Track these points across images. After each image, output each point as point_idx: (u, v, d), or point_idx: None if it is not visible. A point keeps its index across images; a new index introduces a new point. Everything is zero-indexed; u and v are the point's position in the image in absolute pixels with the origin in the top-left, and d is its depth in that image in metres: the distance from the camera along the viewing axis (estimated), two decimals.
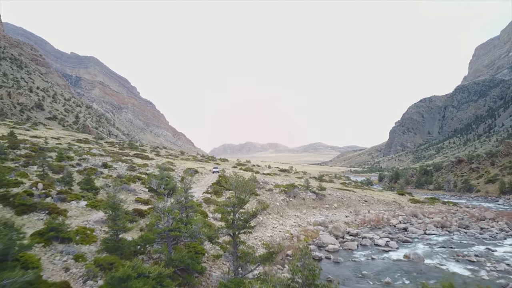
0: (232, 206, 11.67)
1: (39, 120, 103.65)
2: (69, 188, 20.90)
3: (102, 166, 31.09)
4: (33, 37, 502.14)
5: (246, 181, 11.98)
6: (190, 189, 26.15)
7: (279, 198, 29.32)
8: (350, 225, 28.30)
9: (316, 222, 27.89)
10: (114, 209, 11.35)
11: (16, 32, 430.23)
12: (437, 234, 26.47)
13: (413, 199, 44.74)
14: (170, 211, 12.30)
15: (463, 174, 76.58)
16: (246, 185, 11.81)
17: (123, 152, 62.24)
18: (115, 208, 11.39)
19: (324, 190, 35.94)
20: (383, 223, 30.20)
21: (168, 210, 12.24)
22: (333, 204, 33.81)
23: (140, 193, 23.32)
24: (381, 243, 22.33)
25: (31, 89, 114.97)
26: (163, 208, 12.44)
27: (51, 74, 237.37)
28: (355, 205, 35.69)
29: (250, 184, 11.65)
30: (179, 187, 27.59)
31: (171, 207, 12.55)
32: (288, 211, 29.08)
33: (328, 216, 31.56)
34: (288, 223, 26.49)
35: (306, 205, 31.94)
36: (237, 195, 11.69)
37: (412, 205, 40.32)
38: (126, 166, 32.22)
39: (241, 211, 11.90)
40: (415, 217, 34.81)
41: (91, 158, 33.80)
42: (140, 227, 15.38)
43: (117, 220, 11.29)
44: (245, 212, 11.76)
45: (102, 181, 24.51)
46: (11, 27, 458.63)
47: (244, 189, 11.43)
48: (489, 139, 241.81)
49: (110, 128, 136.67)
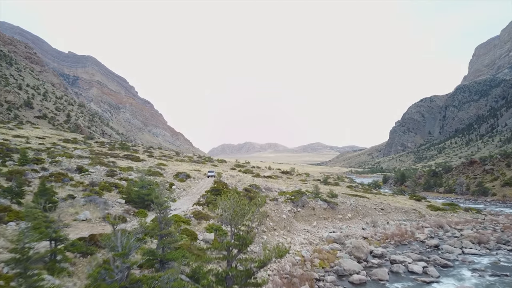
0: (227, 249, 6.95)
1: (28, 119, 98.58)
2: (17, 201, 16.19)
3: (76, 170, 26.33)
4: (30, 36, 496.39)
5: (249, 205, 7.26)
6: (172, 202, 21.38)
7: (286, 209, 24.62)
8: (371, 241, 23.62)
9: (331, 238, 23.22)
10: (21, 260, 6.56)
11: (13, 31, 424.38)
12: (477, 254, 21.84)
13: (432, 205, 40.11)
14: (125, 253, 7.58)
15: (476, 176, 72.05)
16: (248, 211, 7.12)
17: (112, 153, 57.43)
18: (23, 256, 6.59)
19: (336, 197, 31.26)
20: (408, 238, 25.57)
21: (122, 253, 7.51)
22: (347, 214, 29.14)
23: (113, 206, 18.56)
24: (417, 270, 17.65)
25: (21, 86, 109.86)
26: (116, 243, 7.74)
27: (46, 72, 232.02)
28: (371, 214, 31.03)
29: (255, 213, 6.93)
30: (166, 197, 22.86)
31: (129, 244, 7.82)
32: (296, 224, 24.40)
33: (343, 229, 26.91)
34: (298, 240, 21.81)
35: (317, 216, 27.26)
36: (234, 230, 6.97)
37: (433, 213, 35.71)
38: (105, 170, 27.45)
39: (241, 257, 7.17)
40: (441, 228, 30.22)
41: (65, 161, 29.02)
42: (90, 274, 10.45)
43: (26, 279, 6.50)
44: (247, 260, 7.04)
45: (68, 191, 19.75)
46: (8, 26, 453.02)
47: (247, 220, 6.72)
48: (492, 139, 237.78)
49: (104, 127, 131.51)
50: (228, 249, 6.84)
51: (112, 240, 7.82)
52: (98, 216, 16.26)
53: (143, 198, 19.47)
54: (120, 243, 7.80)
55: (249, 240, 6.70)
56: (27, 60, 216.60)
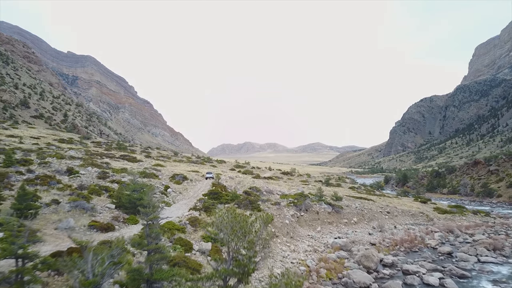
0: (224, 279, 5.44)
1: (24, 118, 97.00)
2: None
3: (66, 172, 24.81)
4: (29, 36, 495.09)
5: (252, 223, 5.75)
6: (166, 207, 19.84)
7: (288, 214, 23.10)
8: (379, 247, 22.13)
9: (336, 245, 21.71)
10: None
11: (12, 30, 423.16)
12: (494, 262, 20.34)
13: (439, 208, 38.64)
14: (95, 282, 6.05)
15: (480, 177, 70.60)
16: (250, 230, 5.60)
17: (109, 153, 55.90)
18: None
19: (340, 200, 29.74)
20: (418, 244, 24.07)
21: (92, 281, 5.99)
22: (352, 218, 27.63)
23: (101, 211, 17.05)
24: (433, 282, 16.16)
25: (17, 85, 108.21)
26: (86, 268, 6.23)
27: (44, 72, 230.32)
28: (377, 218, 29.54)
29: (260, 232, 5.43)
30: (160, 200, 21.31)
31: (102, 269, 6.31)
32: (299, 230, 22.89)
33: (348, 234, 25.41)
34: (301, 248, 20.30)
35: (321, 220, 25.75)
36: (232, 253, 5.45)
37: (441, 217, 34.22)
38: (97, 172, 25.93)
39: None
40: (451, 233, 28.74)
41: (55, 162, 27.49)
42: None
43: None
44: None
45: (54, 195, 18.23)
46: (7, 25, 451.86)
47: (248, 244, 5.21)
48: (493, 139, 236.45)
49: (102, 127, 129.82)
50: (224, 278, 5.34)
51: (81, 264, 6.29)
52: (83, 224, 14.75)
53: (135, 203, 17.94)
54: (91, 268, 6.27)
55: (251, 268, 5.20)
56: (25, 60, 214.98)
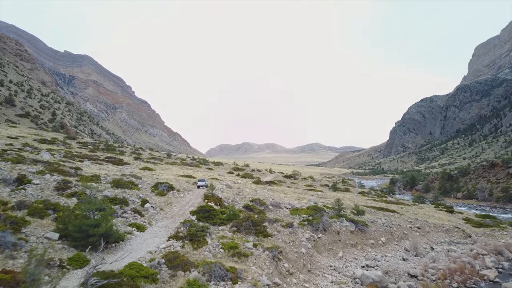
0: None
1: (9, 117, 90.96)
2: None
3: (14, 182, 19.13)
4: (25, 35, 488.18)
5: None
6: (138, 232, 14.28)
7: (304, 237, 17.46)
8: (425, 284, 16.59)
9: (368, 281, 16.12)
10: None
11: (8, 30, 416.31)
12: None
13: (470, 219, 33.14)
14: None
15: (498, 180, 65.32)
16: None
17: (93, 154, 50.13)
18: None
19: (363, 214, 24.18)
20: (470, 275, 18.56)
21: None
22: (380, 238, 22.05)
23: (32, 245, 11.37)
24: None
25: (2, 82, 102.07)
26: None
27: (37, 70, 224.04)
28: (407, 236, 24.01)
29: None
30: (128, 223, 15.64)
31: None
32: (318, 258, 17.30)
33: (377, 259, 19.83)
34: (323, 287, 14.75)
35: (342, 242, 20.17)
36: None
37: (479, 232, 28.70)
38: (56, 180, 20.24)
39: None
40: (499, 255, 23.28)
41: (7, 168, 21.77)
42: None
43: None
44: None
45: None
46: (3, 24, 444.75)
47: None
48: (497, 140, 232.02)
49: (93, 126, 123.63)
50: None
51: None
52: None
53: (87, 232, 12.35)
54: None
55: None
56: (17, 57, 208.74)
